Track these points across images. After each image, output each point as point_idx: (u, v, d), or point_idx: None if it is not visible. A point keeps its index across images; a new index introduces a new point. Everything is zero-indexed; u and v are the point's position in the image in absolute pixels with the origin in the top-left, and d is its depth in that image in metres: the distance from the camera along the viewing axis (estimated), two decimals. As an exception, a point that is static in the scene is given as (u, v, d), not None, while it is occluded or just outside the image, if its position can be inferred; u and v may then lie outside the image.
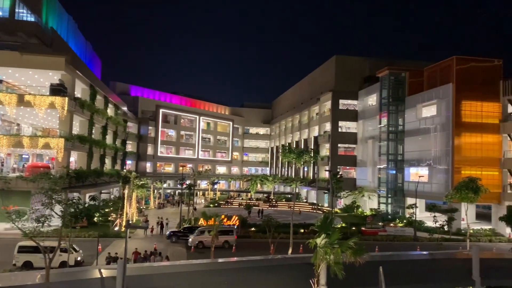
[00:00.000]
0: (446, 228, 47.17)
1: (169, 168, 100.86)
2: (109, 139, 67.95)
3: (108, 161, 67.67)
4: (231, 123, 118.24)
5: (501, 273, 22.49)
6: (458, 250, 34.74)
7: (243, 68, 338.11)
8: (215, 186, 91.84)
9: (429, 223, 51.52)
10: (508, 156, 54.98)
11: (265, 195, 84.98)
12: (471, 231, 47.41)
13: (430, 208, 57.72)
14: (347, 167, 79.67)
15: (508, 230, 44.61)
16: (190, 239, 38.71)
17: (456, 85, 55.21)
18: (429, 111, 60.19)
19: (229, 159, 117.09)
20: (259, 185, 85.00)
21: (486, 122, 55.47)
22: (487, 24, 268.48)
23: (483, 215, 64.45)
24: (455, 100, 55.02)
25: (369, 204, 69.24)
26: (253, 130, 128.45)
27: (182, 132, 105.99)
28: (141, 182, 58.19)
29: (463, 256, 24.93)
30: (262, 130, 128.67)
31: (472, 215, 61.25)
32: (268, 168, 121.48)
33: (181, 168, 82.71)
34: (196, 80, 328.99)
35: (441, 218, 48.07)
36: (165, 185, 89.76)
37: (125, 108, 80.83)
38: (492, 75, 56.30)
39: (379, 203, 67.03)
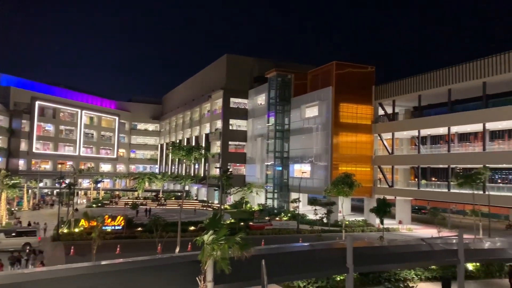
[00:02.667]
0: (325, 220, 50.72)
1: (46, 166, 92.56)
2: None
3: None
4: (117, 118, 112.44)
5: (371, 259, 24.80)
6: (335, 240, 37.60)
7: (131, 61, 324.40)
8: (99, 185, 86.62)
9: (311, 216, 55.00)
10: (378, 154, 61.19)
11: (154, 194, 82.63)
12: (347, 222, 51.71)
13: (311, 202, 61.86)
14: (237, 164, 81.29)
15: (377, 220, 49.52)
16: None
17: (335, 88, 59.73)
18: (311, 111, 64.26)
19: (115, 156, 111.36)
20: (147, 184, 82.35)
21: (360, 123, 60.99)
22: (367, 32, 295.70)
23: (357, 208, 70.86)
24: (334, 102, 59.50)
25: (257, 199, 71.58)
26: (141, 126, 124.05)
27: (62, 127, 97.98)
28: (12, 182, 52.40)
29: (339, 246, 26.95)
30: (151, 126, 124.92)
31: (348, 207, 67.04)
32: (157, 166, 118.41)
33: (60, 165, 76.51)
34: (80, 72, 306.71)
35: (321, 211, 51.60)
36: (41, 184, 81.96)
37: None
38: (366, 81, 62.11)
39: (266, 198, 69.64)
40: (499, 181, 55.84)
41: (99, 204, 71.09)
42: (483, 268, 30.28)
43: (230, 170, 70.20)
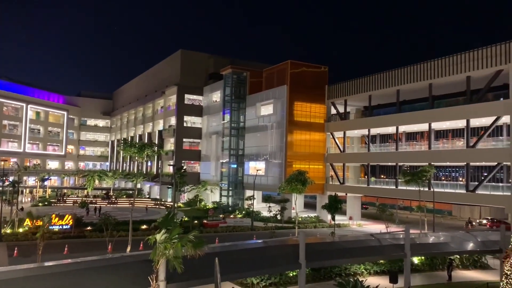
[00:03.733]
0: (279, 217, 51.29)
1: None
2: None
3: None
4: (65, 113, 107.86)
5: (323, 255, 25.37)
6: (288, 237, 38.15)
7: (81, 54, 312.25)
8: (46, 183, 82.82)
9: (265, 213, 55.44)
10: (331, 152, 62.65)
11: (104, 192, 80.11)
12: (300, 219, 52.66)
13: (266, 199, 62.37)
14: (192, 162, 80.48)
15: (329, 216, 50.71)
16: None
17: (290, 87, 60.51)
18: (267, 109, 64.72)
19: (63, 153, 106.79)
20: (97, 181, 79.52)
21: (313, 122, 62.18)
22: (317, 32, 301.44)
23: (310, 204, 72.30)
24: (289, 101, 60.26)
25: (211, 197, 71.20)
26: (91, 122, 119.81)
27: (5, 122, 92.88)
28: None
29: (292, 242, 27.33)
30: (101, 122, 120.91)
31: (301, 204, 68.22)
32: (108, 163, 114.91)
33: (2, 162, 72.27)
34: (26, 64, 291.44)
35: (275, 208, 52.15)
36: (-19, 183, 77.10)
37: None
38: (320, 80, 63.37)
39: (221, 196, 69.43)
40: (443, 178, 58.82)
41: (46, 203, 68.04)
42: (428, 262, 31.82)
43: (184, 167, 69.34)
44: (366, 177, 58.82)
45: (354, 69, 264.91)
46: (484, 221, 57.78)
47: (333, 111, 63.26)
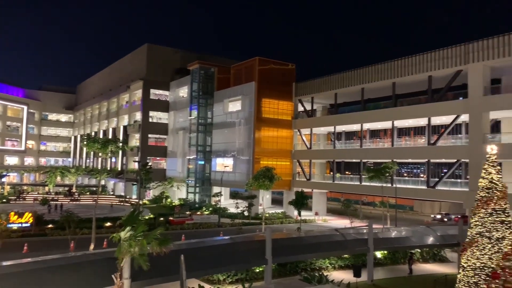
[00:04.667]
0: (246, 213, 51.44)
1: None
2: None
3: None
4: (25, 107, 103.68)
5: (289, 250, 25.69)
6: (255, 233, 38.34)
7: (42, 46, 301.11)
8: (3, 180, 79.52)
9: (232, 210, 55.47)
10: (298, 148, 63.33)
11: (66, 189, 77.81)
12: (267, 215, 52.98)
13: (233, 195, 62.37)
14: (158, 158, 79.39)
15: (295, 212, 51.30)
16: None
17: (258, 84, 60.66)
18: (235, 106, 64.65)
19: (22, 148, 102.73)
20: (59, 178, 77.34)
21: (281, 119, 62.63)
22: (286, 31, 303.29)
23: (277, 200, 72.85)
24: (257, 97, 60.41)
25: (178, 194, 70.55)
26: (53, 117, 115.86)
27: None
28: None
29: (259, 238, 27.53)
30: (64, 117, 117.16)
31: (268, 200, 68.70)
32: (70, 159, 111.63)
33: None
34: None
35: (243, 205, 52.26)
36: None
37: None
38: (287, 78, 63.83)
39: (187, 192, 68.87)
40: (405, 174, 60.65)
41: (4, 200, 65.42)
42: (390, 256, 32.75)
43: (150, 164, 68.28)
44: (331, 173, 59.86)
45: (321, 68, 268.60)
46: (453, 216, 59.79)
47: (301, 108, 63.93)
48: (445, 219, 56.27)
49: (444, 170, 47.33)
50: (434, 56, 44.86)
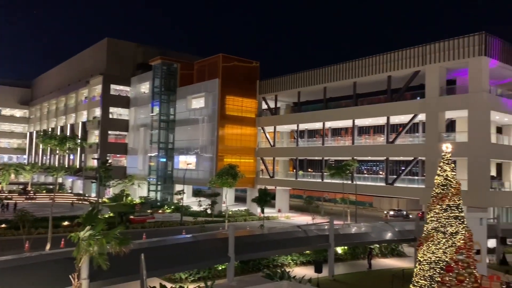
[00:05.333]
0: (209, 211, 51.16)
1: None
2: None
3: None
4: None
5: (252, 248, 25.77)
6: (218, 230, 38.20)
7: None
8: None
9: (195, 208, 54.99)
10: (261, 146, 63.59)
11: (21, 187, 74.61)
12: (230, 212, 52.93)
13: (196, 193, 61.74)
14: (118, 155, 77.58)
15: (259, 209, 51.56)
16: None
17: (222, 81, 60.39)
18: (198, 103, 64.07)
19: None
20: (13, 175, 73.98)
21: (245, 116, 62.68)
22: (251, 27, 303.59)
23: (240, 198, 72.90)
24: (220, 94, 60.13)
25: (139, 192, 69.24)
26: (6, 112, 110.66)
27: None
28: None
29: (221, 235, 27.45)
30: (18, 112, 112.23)
31: (232, 198, 68.61)
32: (25, 156, 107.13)
33: None
34: None
35: (206, 202, 51.90)
36: None
37: None
38: (251, 75, 63.93)
39: (149, 190, 67.70)
40: (364, 172, 62.20)
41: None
42: (350, 251, 33.50)
43: (110, 161, 66.57)
44: (294, 170, 60.52)
45: (285, 66, 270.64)
46: (405, 212, 62.05)
47: (264, 106, 64.20)
48: (398, 215, 58.69)
49: (402, 168, 48.86)
50: (393, 57, 46.17)
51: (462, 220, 23.67)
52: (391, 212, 60.35)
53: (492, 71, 40.03)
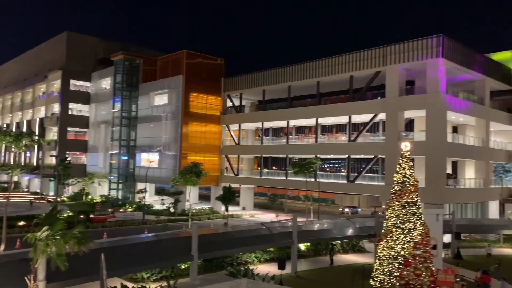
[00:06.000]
0: (172, 210, 50.53)
1: None
2: None
3: None
4: None
5: (216, 246, 25.70)
6: (182, 229, 37.82)
7: None
8: None
9: (158, 206, 54.19)
10: (226, 144, 63.43)
11: (-27, 185, 71.18)
12: (194, 211, 52.50)
13: (159, 191, 60.84)
14: (77, 153, 75.35)
15: (223, 207, 51.45)
16: None
17: (186, 78, 59.73)
18: (161, 99, 63.09)
19: None
20: (-37, 174, 70.43)
21: (209, 114, 62.29)
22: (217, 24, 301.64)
23: (204, 196, 72.47)
24: (184, 91, 59.46)
25: (99, 190, 67.51)
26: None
27: None
28: None
29: (185, 234, 27.19)
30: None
31: (196, 196, 68.08)
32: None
33: None
34: None
35: (169, 201, 51.22)
36: None
37: None
38: (216, 72, 63.59)
39: (110, 189, 66.12)
40: (327, 169, 63.24)
41: None
42: (313, 247, 34.00)
43: (69, 159, 64.52)
44: (259, 168, 60.74)
45: (251, 64, 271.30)
46: (359, 210, 64.07)
47: (229, 103, 64.02)
48: (352, 212, 60.64)
49: (363, 166, 50.08)
50: (355, 57, 47.16)
51: (419, 216, 24.53)
52: (346, 209, 62.06)
53: (448, 72, 41.65)
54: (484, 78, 46.28)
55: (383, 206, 46.80)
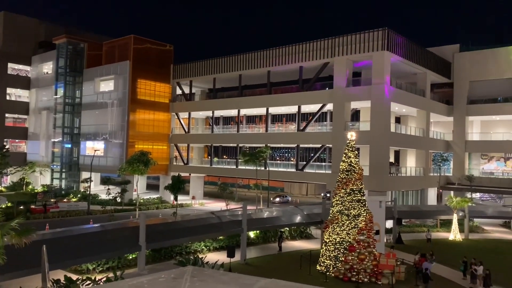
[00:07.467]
0: (119, 199, 49.24)
1: None
2: None
3: None
4: None
5: (164, 235, 25.36)
6: (129, 219, 37.01)
7: None
8: None
9: (104, 196, 52.61)
10: (175, 132, 62.47)
11: None
12: (141, 200, 51.51)
13: (105, 181, 58.93)
14: (16, 140, 71.34)
15: (172, 197, 50.81)
16: None
17: (133, 63, 57.96)
18: (107, 85, 60.88)
19: None
20: None
21: (158, 101, 60.96)
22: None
23: (153, 186, 71.22)
24: (131, 78, 57.71)
25: (41, 180, 64.40)
26: None
27: None
28: None
29: (132, 224, 26.65)
30: None
31: (143, 186, 66.79)
32: None
33: None
34: None
35: (115, 190, 49.87)
36: None
37: None
38: (165, 59, 62.20)
39: (52, 178, 63.30)
40: (277, 158, 64.17)
41: None
42: (262, 235, 34.51)
43: (7, 147, 60.95)
44: (209, 157, 60.49)
45: (202, 51, 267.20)
46: (289, 198, 65.97)
47: (179, 91, 62.96)
48: (282, 202, 62.33)
49: (311, 155, 51.23)
50: (304, 47, 47.83)
51: (364, 203, 25.55)
52: (277, 199, 63.37)
53: (393, 65, 43.36)
54: (425, 71, 48.65)
55: (328, 194, 48.24)
